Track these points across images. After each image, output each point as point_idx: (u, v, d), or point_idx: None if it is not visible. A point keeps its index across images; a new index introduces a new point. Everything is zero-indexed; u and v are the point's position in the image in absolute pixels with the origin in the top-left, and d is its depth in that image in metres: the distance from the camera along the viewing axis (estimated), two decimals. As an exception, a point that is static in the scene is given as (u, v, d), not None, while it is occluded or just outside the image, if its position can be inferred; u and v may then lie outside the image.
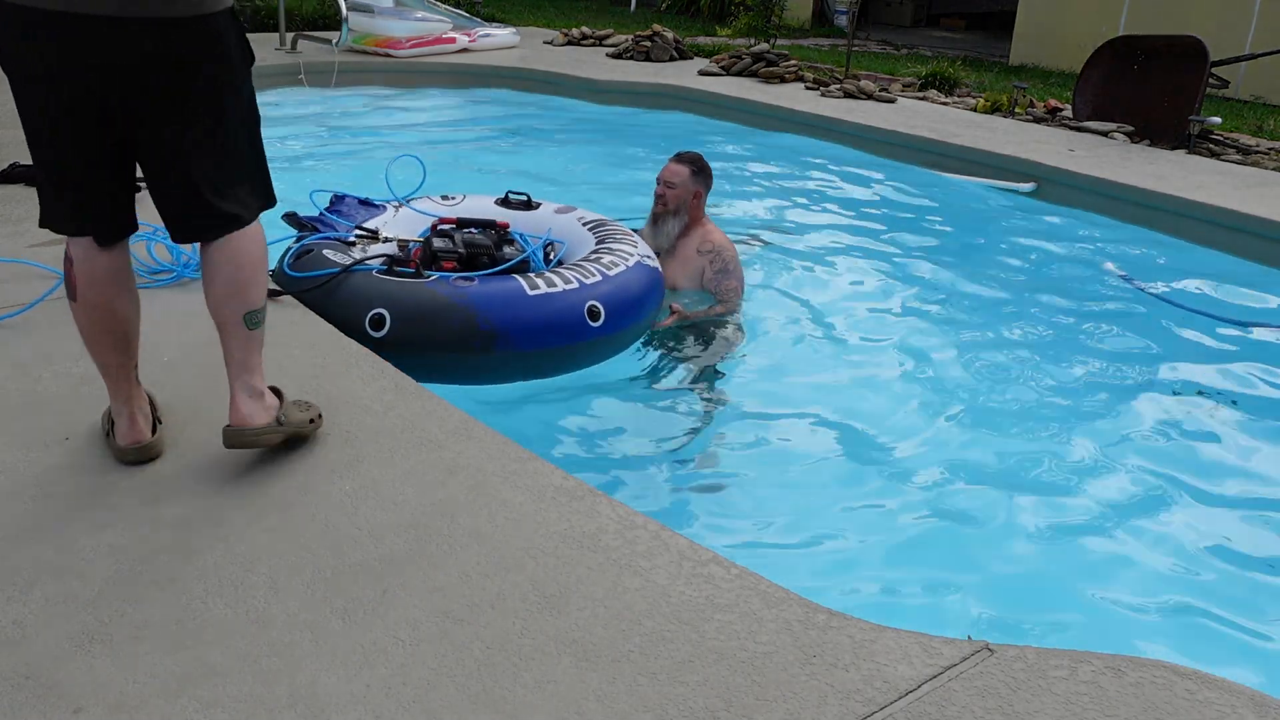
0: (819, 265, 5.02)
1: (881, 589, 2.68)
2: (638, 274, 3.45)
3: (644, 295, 3.44)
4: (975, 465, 3.23)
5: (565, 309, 3.15)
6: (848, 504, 3.04)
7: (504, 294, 3.12)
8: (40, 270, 3.30)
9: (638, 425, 3.34)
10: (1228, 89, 8.76)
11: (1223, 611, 2.63)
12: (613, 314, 3.24)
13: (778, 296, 4.55)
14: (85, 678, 1.66)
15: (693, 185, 3.95)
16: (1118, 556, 2.84)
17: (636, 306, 3.39)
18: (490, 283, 3.16)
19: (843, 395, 3.68)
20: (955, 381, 3.82)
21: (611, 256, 3.48)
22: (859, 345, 4.12)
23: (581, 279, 3.26)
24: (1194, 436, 3.51)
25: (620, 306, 3.28)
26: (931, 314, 4.46)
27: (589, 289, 3.23)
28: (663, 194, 3.95)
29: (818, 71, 9.23)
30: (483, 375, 3.18)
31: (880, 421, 3.52)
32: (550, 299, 3.15)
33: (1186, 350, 4.20)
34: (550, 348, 3.16)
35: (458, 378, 3.14)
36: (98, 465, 2.27)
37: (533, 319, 3.10)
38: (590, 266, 3.36)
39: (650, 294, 3.49)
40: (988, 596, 2.66)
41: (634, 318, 3.38)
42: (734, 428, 3.45)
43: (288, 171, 6.10)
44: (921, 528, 2.92)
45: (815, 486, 3.13)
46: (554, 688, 1.68)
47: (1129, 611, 2.64)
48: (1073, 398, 3.72)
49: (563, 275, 3.25)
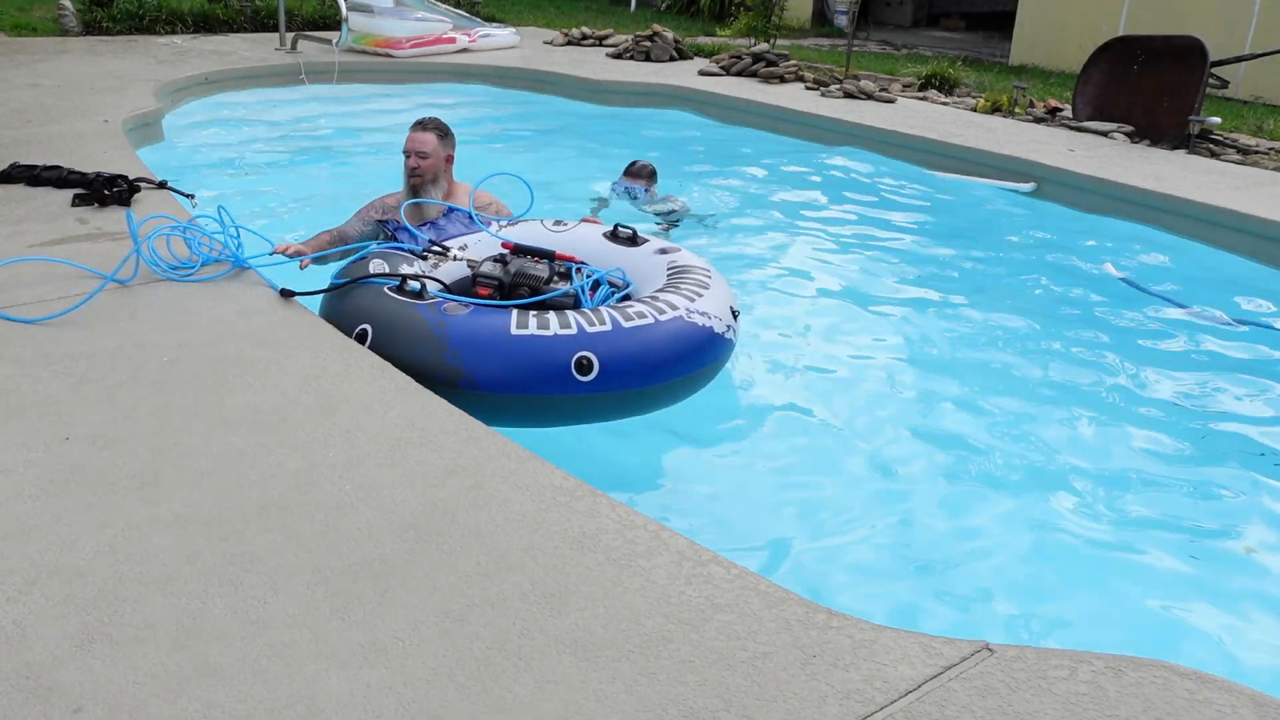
0: (819, 265, 5.02)
1: (881, 589, 2.68)
2: (667, 330, 3.03)
3: (665, 355, 3.01)
4: (974, 465, 3.24)
5: (546, 357, 2.87)
6: (847, 504, 3.04)
7: (482, 330, 2.91)
8: (71, 269, 3.30)
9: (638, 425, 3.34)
10: (1228, 89, 8.75)
11: (1223, 611, 2.63)
12: (610, 370, 2.90)
13: (777, 296, 4.55)
14: (85, 678, 1.66)
15: (443, 150, 3.89)
16: (1117, 556, 2.84)
17: (646, 366, 2.98)
18: (480, 316, 2.97)
19: (842, 395, 3.68)
20: (955, 381, 3.82)
21: (651, 306, 3.10)
22: (858, 345, 4.12)
23: (584, 325, 2.94)
24: (1193, 436, 3.51)
25: (621, 363, 2.92)
26: (930, 314, 4.46)
27: (585, 338, 2.91)
28: (417, 165, 3.84)
29: (818, 71, 9.23)
30: (466, 411, 2.76)
31: (880, 421, 3.52)
32: (532, 343, 2.89)
33: (1187, 350, 4.20)
34: (523, 395, 2.90)
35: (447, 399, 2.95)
36: (98, 465, 2.27)
37: (505, 361, 2.86)
38: (608, 313, 3.02)
39: (680, 355, 3.05)
40: (988, 596, 2.67)
41: (640, 379, 2.98)
42: (734, 427, 3.45)
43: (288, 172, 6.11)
44: (921, 528, 2.93)
45: (815, 487, 3.13)
46: (554, 688, 1.68)
47: (1129, 612, 2.64)
48: (1072, 397, 3.72)
49: (563, 319, 2.96)
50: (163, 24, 9.61)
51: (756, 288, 4.60)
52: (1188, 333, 4.36)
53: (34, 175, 4.38)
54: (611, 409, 3.06)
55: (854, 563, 2.78)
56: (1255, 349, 4.22)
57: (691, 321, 3.11)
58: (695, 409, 3.39)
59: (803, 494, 3.08)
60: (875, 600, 2.61)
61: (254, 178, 5.93)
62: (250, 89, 7.83)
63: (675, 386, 3.15)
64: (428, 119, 3.96)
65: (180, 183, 4.46)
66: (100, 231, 3.79)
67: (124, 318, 3.02)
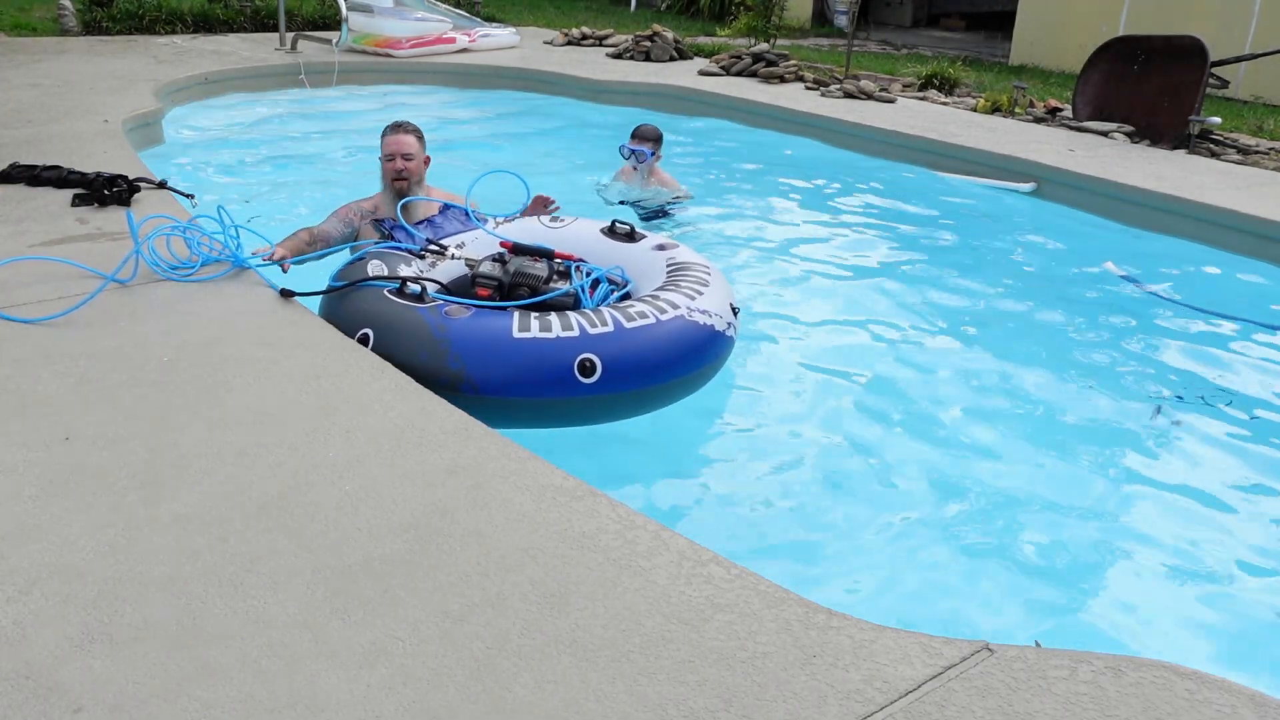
0: (818, 265, 5.02)
1: (881, 589, 2.68)
2: (668, 330, 3.02)
3: (667, 355, 3.00)
4: (974, 465, 3.24)
5: (550, 359, 2.85)
6: (848, 504, 3.04)
7: (485, 334, 2.89)
8: (72, 269, 3.30)
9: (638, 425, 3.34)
10: (1228, 89, 8.75)
11: (1223, 611, 2.64)
12: (613, 372, 2.89)
13: (777, 296, 4.55)
14: (85, 678, 1.66)
15: (422, 151, 3.93)
16: (1118, 556, 2.84)
17: (649, 367, 2.97)
18: (480, 319, 2.94)
19: (841, 395, 3.68)
20: (954, 381, 3.82)
21: (652, 305, 3.08)
22: (858, 345, 4.12)
23: (586, 327, 2.92)
24: (1193, 436, 3.51)
25: (625, 365, 2.91)
26: (930, 314, 4.46)
27: (587, 340, 2.89)
28: (404, 169, 3.84)
29: (818, 71, 9.23)
30: (468, 413, 2.74)
31: (879, 420, 3.52)
32: (534, 346, 2.86)
33: (1187, 350, 4.20)
34: (527, 398, 2.89)
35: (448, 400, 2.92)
36: (98, 465, 2.26)
37: (507, 364, 2.84)
38: (610, 314, 3.00)
39: (682, 355, 3.05)
40: (988, 596, 2.67)
41: (642, 380, 2.98)
42: (734, 427, 3.45)
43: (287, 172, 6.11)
44: (921, 528, 2.93)
45: (815, 487, 3.13)
46: (554, 688, 1.68)
47: (1129, 612, 2.64)
48: (1071, 397, 3.72)
49: (565, 321, 2.94)
50: (162, 24, 9.62)
51: (756, 287, 4.60)
52: (1188, 333, 4.37)
53: (34, 175, 4.38)
54: (613, 410, 3.05)
55: (854, 563, 2.78)
56: (1255, 349, 4.22)
57: (693, 320, 3.10)
58: (695, 409, 3.39)
59: (803, 494, 3.08)
60: (875, 600, 2.61)
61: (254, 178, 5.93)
62: (250, 89, 7.83)
63: (676, 385, 3.14)
64: (404, 122, 3.98)
65: (180, 183, 4.46)
66: (100, 231, 3.79)
67: (124, 318, 3.02)
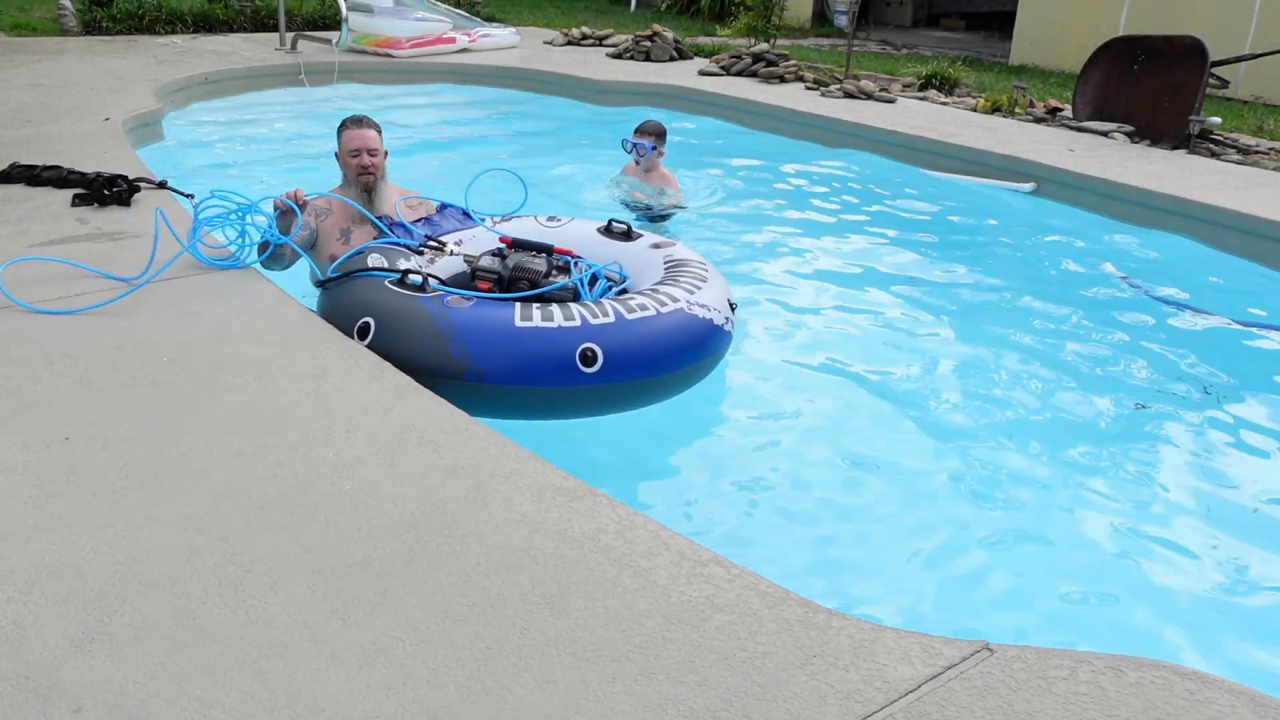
0: (818, 265, 5.02)
1: (881, 589, 2.68)
2: (668, 322, 3.05)
3: (667, 347, 3.04)
4: (973, 465, 3.24)
5: (553, 349, 2.88)
6: (848, 504, 3.04)
7: (487, 323, 2.91)
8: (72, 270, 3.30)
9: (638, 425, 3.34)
10: (1228, 89, 8.75)
11: (1223, 611, 2.63)
12: (615, 362, 2.91)
13: (776, 296, 4.55)
14: (85, 678, 1.66)
15: (383, 146, 3.91)
16: (1118, 556, 2.84)
17: (649, 358, 3.00)
18: (482, 309, 2.96)
19: (841, 395, 3.68)
20: (954, 381, 3.82)
21: (652, 298, 3.13)
22: (858, 345, 4.12)
23: (588, 318, 2.96)
24: (1193, 436, 3.51)
25: (627, 355, 2.94)
26: (930, 314, 4.46)
27: (590, 330, 2.92)
28: (370, 164, 3.83)
29: (818, 71, 9.23)
30: (469, 405, 2.77)
31: (879, 420, 3.52)
32: (537, 335, 2.88)
33: (1187, 351, 4.20)
34: (530, 387, 2.90)
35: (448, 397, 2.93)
36: (98, 465, 2.26)
37: (510, 354, 2.86)
38: (611, 306, 3.04)
39: (682, 347, 3.08)
40: (988, 596, 2.67)
41: (643, 371, 3.00)
42: (733, 427, 3.45)
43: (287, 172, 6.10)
44: (921, 528, 2.93)
45: (814, 486, 3.13)
46: (554, 687, 1.68)
47: (1129, 611, 2.64)
48: (1071, 397, 3.72)
49: (567, 311, 2.97)
50: (162, 24, 9.62)
51: (756, 287, 4.60)
52: (1188, 333, 4.36)
53: (34, 175, 4.38)
54: (613, 402, 3.07)
55: (854, 563, 2.78)
56: (1255, 349, 4.22)
57: (692, 314, 3.13)
58: (695, 408, 3.39)
59: (802, 493, 3.08)
60: (875, 600, 2.61)
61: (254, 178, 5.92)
62: (250, 89, 7.83)
63: (676, 378, 3.16)
64: (362, 116, 3.94)
65: (180, 182, 4.46)
66: (100, 231, 3.79)
67: (124, 318, 3.02)
